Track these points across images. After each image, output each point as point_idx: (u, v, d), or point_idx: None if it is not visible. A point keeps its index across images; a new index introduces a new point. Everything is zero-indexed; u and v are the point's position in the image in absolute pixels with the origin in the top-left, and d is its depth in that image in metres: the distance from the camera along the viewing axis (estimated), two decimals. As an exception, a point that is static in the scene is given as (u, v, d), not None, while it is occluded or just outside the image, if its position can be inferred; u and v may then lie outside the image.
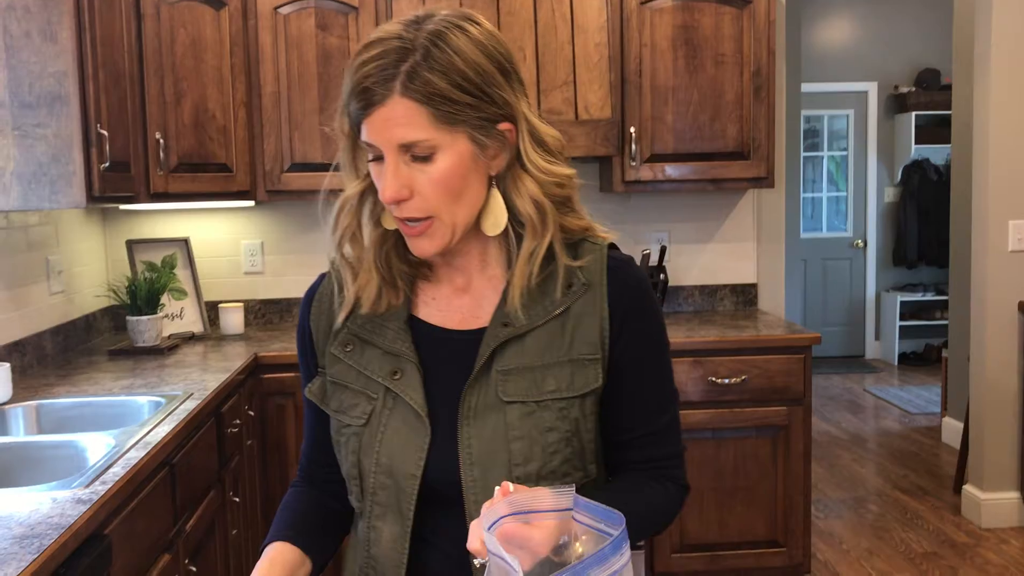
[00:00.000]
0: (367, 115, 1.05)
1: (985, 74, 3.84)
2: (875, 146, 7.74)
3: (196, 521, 2.26)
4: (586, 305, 1.14)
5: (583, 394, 1.13)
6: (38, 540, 1.43)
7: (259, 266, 3.73)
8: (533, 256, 1.12)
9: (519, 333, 1.13)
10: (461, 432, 1.11)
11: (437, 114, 1.04)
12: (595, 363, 1.13)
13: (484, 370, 1.12)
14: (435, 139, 1.05)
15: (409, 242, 1.12)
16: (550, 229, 1.12)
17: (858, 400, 6.50)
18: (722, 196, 3.82)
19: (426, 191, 1.06)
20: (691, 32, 3.36)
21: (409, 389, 1.13)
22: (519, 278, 1.12)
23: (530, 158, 1.11)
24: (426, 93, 1.03)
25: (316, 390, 1.22)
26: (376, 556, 1.15)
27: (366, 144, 1.08)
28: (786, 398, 3.19)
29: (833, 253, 7.87)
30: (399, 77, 1.03)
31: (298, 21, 3.27)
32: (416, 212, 1.07)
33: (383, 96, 1.04)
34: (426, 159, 1.06)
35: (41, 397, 2.45)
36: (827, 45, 7.60)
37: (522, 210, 1.11)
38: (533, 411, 1.11)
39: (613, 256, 1.18)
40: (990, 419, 3.91)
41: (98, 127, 2.48)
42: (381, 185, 1.07)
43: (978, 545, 3.81)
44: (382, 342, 1.16)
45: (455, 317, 1.17)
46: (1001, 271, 3.85)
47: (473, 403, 1.12)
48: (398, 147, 1.05)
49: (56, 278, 3.09)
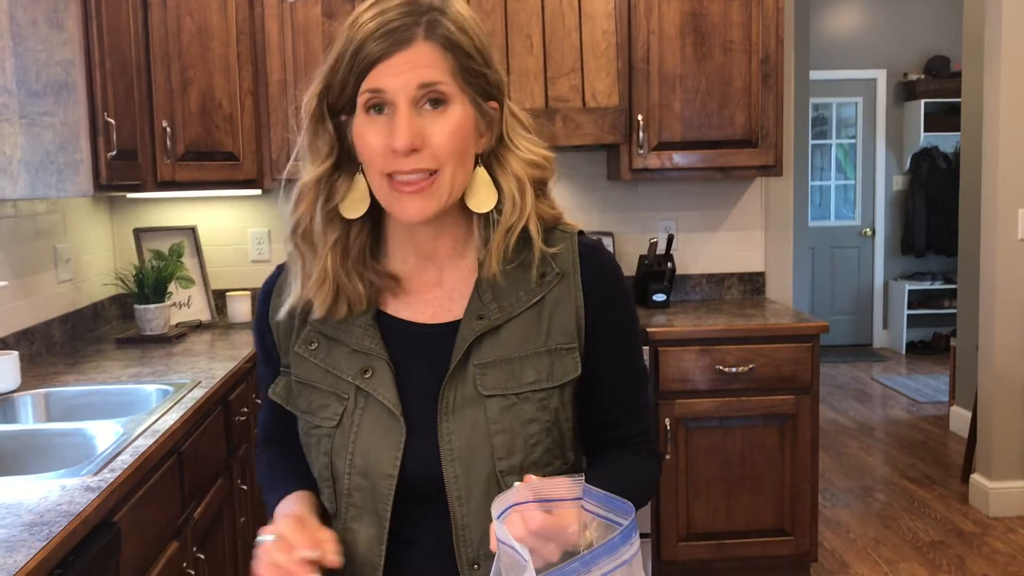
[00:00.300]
0: (387, 58, 1.03)
1: (995, 61, 3.81)
2: (884, 134, 7.71)
3: (204, 509, 2.27)
4: (561, 294, 1.14)
5: (562, 384, 1.12)
6: (47, 527, 1.43)
7: (266, 254, 3.74)
8: (510, 232, 1.11)
9: (495, 325, 1.11)
10: (440, 428, 1.09)
11: (455, 67, 1.05)
12: (572, 352, 1.13)
13: (461, 364, 1.10)
14: (452, 88, 1.05)
15: (399, 205, 1.07)
16: (528, 206, 1.11)
17: (866, 389, 6.49)
18: (730, 184, 3.81)
19: (437, 141, 1.05)
20: (699, 19, 3.34)
21: (381, 387, 1.11)
22: (496, 251, 1.11)
23: (513, 137, 1.13)
24: (449, 41, 1.04)
25: (281, 391, 1.19)
26: (352, 558, 1.13)
27: (370, 93, 1.04)
28: (794, 387, 3.19)
29: (841, 241, 7.84)
30: (421, 24, 1.04)
31: (304, 9, 3.26)
32: (425, 163, 1.05)
33: (408, 39, 1.03)
34: (441, 107, 1.05)
35: (50, 385, 2.46)
36: (836, 32, 7.56)
37: (505, 187, 1.11)
38: (513, 403, 1.10)
39: (583, 243, 1.18)
40: (998, 408, 3.90)
41: (105, 115, 2.48)
42: (390, 135, 1.04)
43: (985, 534, 3.80)
44: (349, 340, 1.14)
45: (425, 311, 1.15)
46: (1010, 260, 3.84)
47: (451, 398, 1.10)
48: (415, 91, 1.03)
49: (64, 266, 3.09)
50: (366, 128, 1.06)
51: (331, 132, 1.10)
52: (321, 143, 1.10)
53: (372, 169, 1.08)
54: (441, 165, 1.06)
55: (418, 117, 1.04)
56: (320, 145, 1.10)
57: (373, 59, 1.03)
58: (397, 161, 1.05)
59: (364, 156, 1.08)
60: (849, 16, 7.58)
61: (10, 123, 2.37)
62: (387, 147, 1.04)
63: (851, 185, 7.90)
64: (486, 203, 1.12)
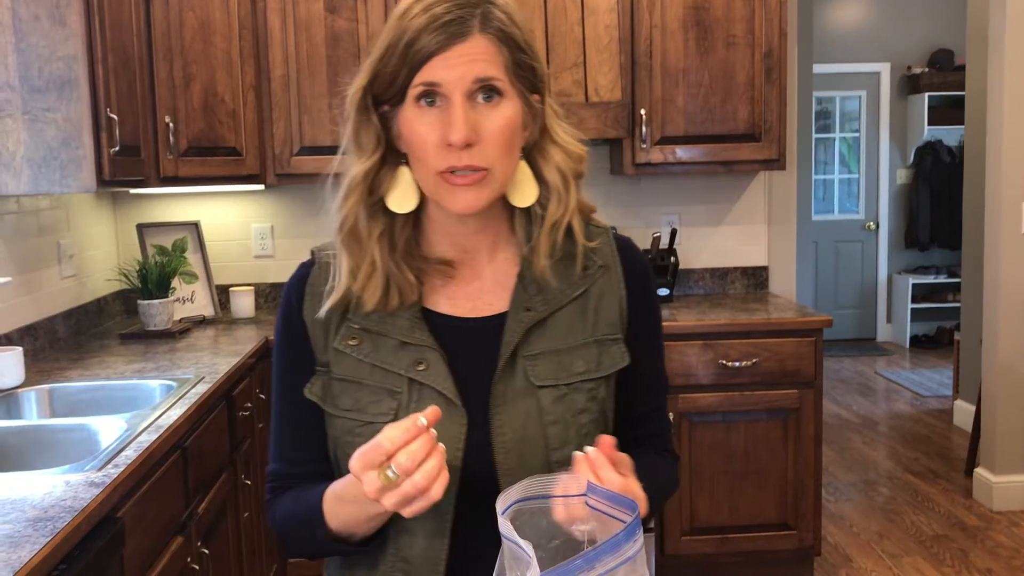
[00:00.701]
0: (443, 51, 1.01)
1: (999, 55, 3.80)
2: (887, 127, 7.69)
3: (208, 504, 2.27)
4: (604, 286, 1.15)
5: (609, 374, 1.14)
6: (51, 523, 1.44)
7: (269, 249, 3.74)
8: (556, 227, 1.11)
9: (542, 317, 1.12)
10: (493, 420, 1.08)
11: (509, 60, 1.04)
12: (618, 342, 1.15)
13: (509, 356, 1.10)
14: (505, 83, 1.05)
15: (450, 197, 1.05)
16: (573, 199, 1.12)
17: (869, 383, 6.49)
18: (733, 178, 3.80)
19: (490, 138, 1.03)
20: (702, 13, 3.33)
21: (438, 378, 1.09)
22: (543, 246, 1.11)
23: (556, 130, 1.12)
24: (503, 34, 1.04)
25: (318, 390, 1.14)
26: (409, 558, 1.09)
27: (424, 86, 1.03)
28: (797, 381, 3.19)
29: (845, 235, 7.84)
30: (476, 16, 1.03)
31: (307, 4, 3.26)
32: (477, 161, 1.03)
33: (465, 31, 1.02)
34: (494, 102, 1.04)
35: (54, 381, 2.47)
36: (839, 25, 7.54)
37: (549, 179, 1.11)
38: (565, 394, 1.10)
39: (618, 238, 1.20)
40: (1002, 402, 3.90)
41: (108, 111, 2.48)
42: (444, 129, 1.02)
43: (989, 528, 3.80)
44: (396, 332, 1.11)
45: (465, 305, 1.14)
46: (1014, 253, 3.83)
47: (502, 390, 1.09)
48: (471, 84, 1.02)
49: (67, 262, 3.10)
50: (417, 120, 1.04)
51: (377, 124, 1.08)
52: (367, 136, 1.09)
53: (422, 163, 1.06)
54: (492, 163, 1.04)
55: (472, 111, 1.03)
56: (366, 138, 1.09)
57: (429, 52, 1.02)
58: (451, 156, 1.03)
59: (414, 149, 1.06)
60: (853, 9, 7.56)
61: (13, 119, 2.37)
62: (441, 141, 1.03)
63: (855, 179, 7.89)
64: (528, 197, 1.11)
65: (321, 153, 3.32)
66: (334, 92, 3.30)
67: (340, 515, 1.07)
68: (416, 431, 0.93)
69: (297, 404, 1.16)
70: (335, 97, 3.30)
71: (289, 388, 1.17)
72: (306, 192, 3.70)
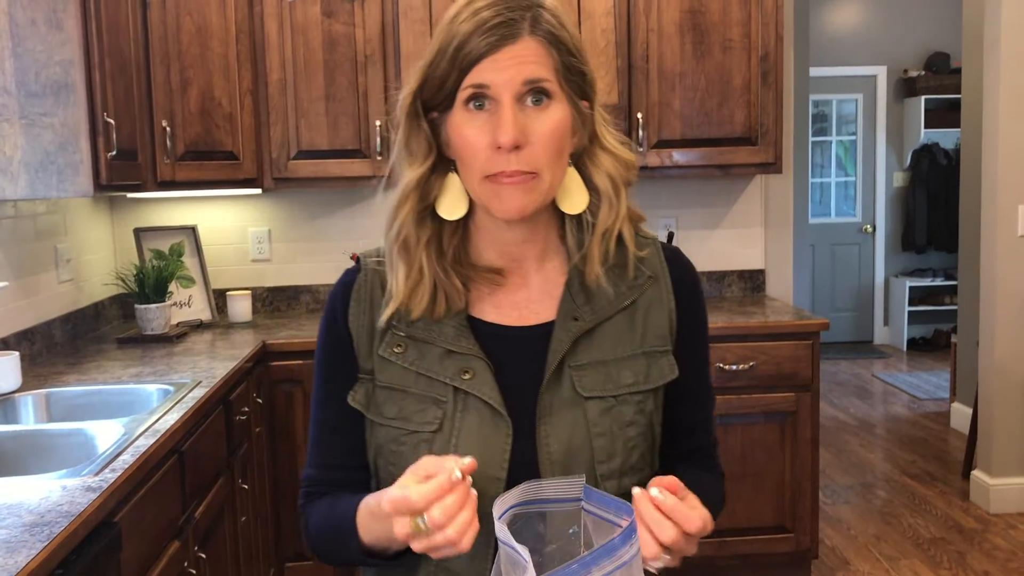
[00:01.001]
0: (492, 53, 1.01)
1: (995, 58, 3.81)
2: (884, 130, 7.71)
3: (205, 508, 2.27)
4: (653, 297, 1.14)
5: (657, 387, 1.12)
6: (48, 528, 1.44)
7: (266, 253, 3.74)
8: (608, 234, 1.10)
9: (590, 327, 1.10)
10: (539, 431, 1.06)
11: (559, 63, 1.04)
12: (667, 354, 1.13)
13: (556, 366, 1.08)
14: (554, 86, 1.04)
15: (498, 200, 1.04)
16: (623, 206, 1.11)
17: (867, 386, 6.49)
18: (730, 182, 3.81)
19: (539, 141, 1.03)
20: (698, 17, 3.34)
21: (484, 387, 1.07)
22: (596, 253, 1.10)
23: (606, 136, 1.11)
24: (553, 37, 1.03)
25: (361, 398, 1.12)
26: (453, 568, 1.07)
27: (473, 88, 1.02)
28: (794, 384, 3.19)
29: (842, 238, 7.84)
30: (527, 19, 1.02)
31: (304, 8, 3.26)
32: (525, 165, 1.02)
33: (515, 33, 1.01)
34: (543, 105, 1.03)
35: (51, 385, 2.47)
36: (836, 29, 7.55)
37: (600, 185, 1.10)
38: (612, 406, 1.08)
39: (666, 247, 1.19)
40: (999, 404, 3.90)
41: (105, 115, 2.48)
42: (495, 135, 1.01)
43: (986, 530, 3.80)
44: (442, 340, 1.10)
45: (512, 314, 1.13)
46: (1010, 256, 3.84)
47: (548, 400, 1.08)
48: (520, 87, 1.01)
49: (65, 266, 3.09)
50: (466, 124, 1.04)
51: (427, 131, 1.08)
52: (418, 142, 1.08)
53: (471, 168, 1.05)
54: (541, 168, 1.03)
55: (521, 113, 1.02)
56: (417, 145, 1.08)
57: (478, 54, 1.01)
58: (499, 160, 1.02)
59: (463, 153, 1.05)
60: (849, 13, 7.58)
61: (10, 124, 2.37)
62: (490, 144, 1.02)
63: (851, 182, 7.90)
64: (579, 204, 1.10)
65: (318, 157, 3.32)
66: (331, 96, 3.30)
67: (374, 530, 1.05)
68: (450, 486, 0.91)
69: (337, 411, 1.14)
70: (332, 101, 3.30)
71: (330, 395, 1.16)
72: (303, 196, 3.70)
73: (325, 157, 3.33)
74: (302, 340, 3.11)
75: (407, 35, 3.29)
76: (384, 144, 3.31)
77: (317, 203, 3.72)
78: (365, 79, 3.29)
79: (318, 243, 3.74)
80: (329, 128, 3.31)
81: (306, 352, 3.08)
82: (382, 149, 3.31)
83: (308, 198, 3.71)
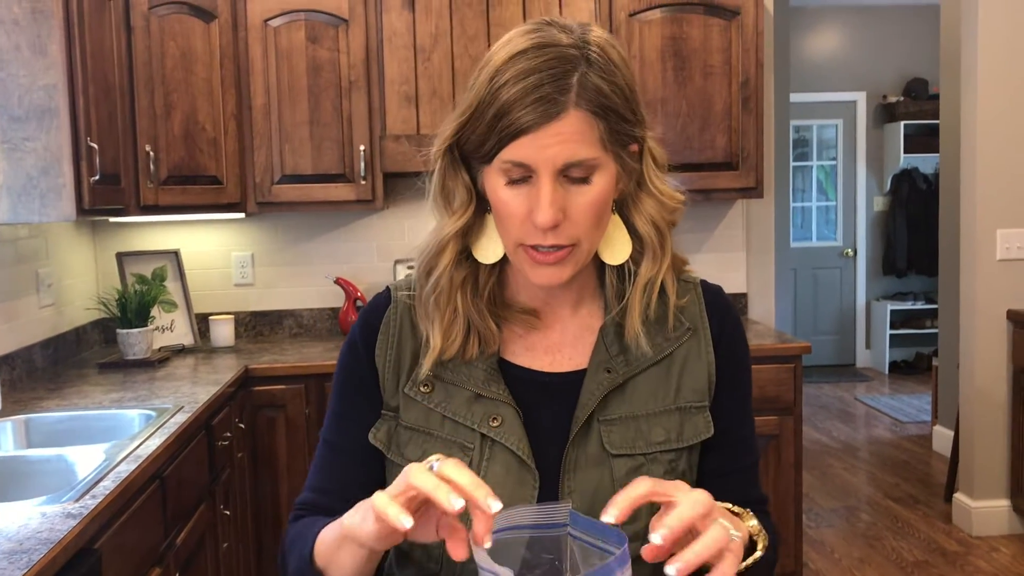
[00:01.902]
0: (534, 130, 0.94)
1: (972, 84, 3.86)
2: (864, 155, 7.78)
3: (187, 534, 2.25)
4: (691, 350, 1.09)
5: (691, 445, 1.07)
6: (27, 555, 1.42)
7: (249, 278, 3.73)
8: (650, 285, 1.05)
9: (622, 380, 1.05)
10: (562, 486, 1.03)
11: (605, 131, 0.96)
12: (703, 411, 1.08)
13: (585, 420, 1.04)
14: (600, 159, 0.97)
15: (534, 271, 1.01)
16: (668, 255, 1.06)
17: (849, 409, 6.51)
18: (711, 206, 3.83)
19: (579, 216, 0.97)
20: (680, 43, 3.38)
21: (512, 436, 1.03)
22: (637, 307, 1.05)
23: (652, 180, 1.06)
24: (601, 105, 0.95)
25: (383, 436, 1.08)
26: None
27: (511, 164, 0.96)
28: (777, 407, 3.20)
29: (823, 262, 7.90)
30: (573, 88, 0.94)
31: (288, 33, 3.28)
32: (564, 239, 0.98)
33: (560, 108, 0.93)
34: (586, 180, 0.97)
35: (31, 411, 2.44)
36: (816, 55, 7.64)
37: (643, 232, 1.05)
38: (641, 464, 1.04)
39: (708, 291, 1.14)
40: (980, 427, 3.92)
41: (88, 140, 2.48)
42: (533, 210, 0.96)
43: (969, 553, 3.81)
44: (472, 385, 1.06)
45: (544, 359, 1.09)
46: (990, 280, 3.87)
47: (575, 455, 1.03)
48: (562, 166, 0.95)
49: (46, 291, 3.08)
50: (503, 191, 0.98)
51: (467, 180, 1.03)
52: (456, 192, 1.04)
53: (507, 231, 1.00)
54: (579, 239, 0.99)
55: (561, 188, 0.96)
56: (455, 193, 1.04)
57: (518, 129, 0.94)
58: (536, 235, 0.97)
59: (500, 218, 1.00)
60: (829, 39, 7.67)
61: (-8, 148, 2.37)
62: (527, 218, 0.97)
63: (832, 206, 7.96)
64: (621, 255, 1.06)
65: (302, 181, 3.33)
66: (315, 121, 3.31)
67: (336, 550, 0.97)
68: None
69: (349, 441, 1.10)
70: (316, 126, 3.31)
71: (343, 426, 1.12)
72: (287, 220, 3.70)
73: (309, 182, 3.33)
74: (285, 365, 3.10)
75: (391, 61, 3.30)
76: (368, 169, 3.32)
77: (301, 227, 3.72)
78: (349, 104, 3.31)
79: (302, 267, 3.73)
80: (313, 153, 3.31)
81: (289, 377, 3.07)
82: (366, 174, 3.32)
83: (292, 222, 3.71)
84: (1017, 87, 3.81)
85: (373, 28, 3.30)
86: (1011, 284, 3.87)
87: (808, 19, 7.53)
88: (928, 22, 6.93)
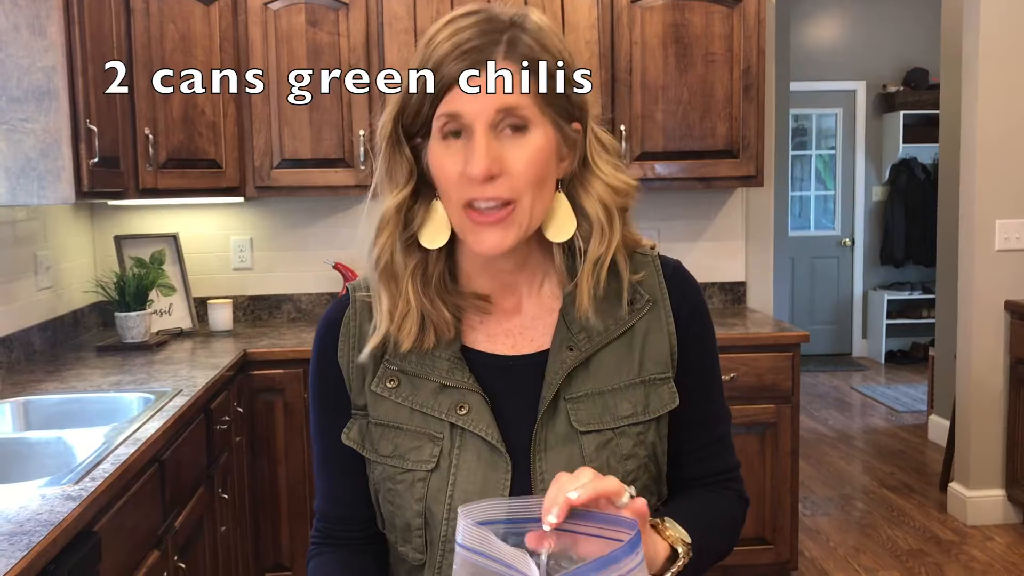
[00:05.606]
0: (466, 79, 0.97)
1: (973, 73, 3.86)
2: (863, 145, 7.78)
3: (185, 518, 2.26)
4: (651, 322, 1.10)
5: (658, 416, 1.08)
6: (27, 537, 1.42)
7: (248, 262, 3.73)
8: (599, 263, 1.06)
9: (585, 357, 1.06)
10: (534, 466, 1.04)
11: (538, 90, 0.99)
12: (667, 382, 1.09)
13: (551, 399, 1.05)
14: (532, 112, 0.99)
15: (476, 237, 1.01)
16: (617, 234, 1.07)
17: (845, 398, 6.53)
18: (711, 194, 3.83)
19: (516, 168, 0.98)
20: (681, 30, 3.37)
21: (480, 422, 1.04)
22: (586, 285, 1.05)
23: (597, 161, 1.07)
24: (532, 60, 0.99)
25: (355, 435, 1.10)
26: None
27: (446, 117, 0.98)
28: (774, 396, 3.20)
29: (821, 251, 7.90)
30: (502, 43, 0.98)
31: (288, 16, 3.26)
32: (503, 192, 0.98)
33: (489, 56, 0.97)
34: (521, 130, 0.99)
35: (29, 393, 2.44)
36: (816, 44, 7.62)
37: (590, 212, 1.06)
38: (610, 439, 1.04)
39: (666, 264, 1.15)
40: (976, 417, 3.94)
41: (87, 122, 2.47)
42: (466, 161, 0.98)
43: (964, 542, 3.83)
44: (436, 375, 1.07)
45: (506, 343, 1.10)
46: (988, 270, 3.88)
47: (544, 435, 1.04)
48: (494, 115, 0.97)
49: (44, 274, 3.07)
50: (442, 153, 1.00)
51: (408, 157, 1.04)
52: (398, 169, 1.05)
53: (449, 197, 1.02)
54: (519, 195, 0.99)
55: (496, 142, 0.98)
56: (398, 171, 1.05)
57: (451, 80, 0.97)
58: (474, 188, 0.98)
59: (440, 183, 1.02)
60: (829, 28, 7.65)
61: (-9, 129, 2.36)
62: (464, 173, 0.98)
63: (831, 195, 7.96)
64: (565, 231, 1.06)
65: (302, 166, 3.32)
66: (315, 105, 3.30)
67: None
68: None
69: (334, 447, 1.12)
70: (315, 110, 3.30)
71: (324, 431, 1.14)
72: (286, 205, 3.69)
73: (308, 166, 3.33)
74: (283, 349, 3.10)
75: (392, 44, 3.29)
76: (367, 154, 3.31)
77: (299, 212, 3.71)
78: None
79: (300, 252, 3.73)
80: (312, 137, 3.30)
81: (287, 361, 3.07)
82: (365, 159, 3.31)
83: (290, 207, 3.70)
84: (1018, 78, 3.81)
85: (374, 11, 3.29)
86: (1009, 274, 3.87)
87: (809, 7, 7.51)
88: (929, 11, 6.90)
